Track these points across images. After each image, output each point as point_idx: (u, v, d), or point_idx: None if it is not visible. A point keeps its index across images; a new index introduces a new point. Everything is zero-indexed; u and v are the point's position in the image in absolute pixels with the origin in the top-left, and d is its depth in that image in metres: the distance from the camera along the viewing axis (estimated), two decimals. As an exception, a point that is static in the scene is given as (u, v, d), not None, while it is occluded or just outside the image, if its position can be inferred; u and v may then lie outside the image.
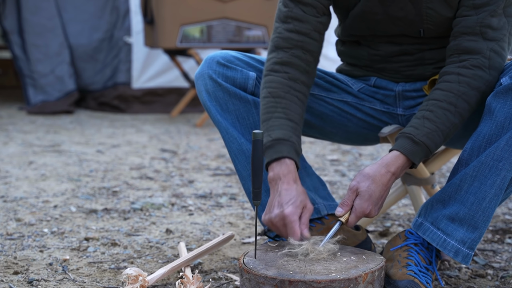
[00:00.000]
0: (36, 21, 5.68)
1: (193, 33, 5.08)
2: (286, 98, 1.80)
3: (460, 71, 1.75)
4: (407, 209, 2.74)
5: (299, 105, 1.82)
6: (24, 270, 1.95)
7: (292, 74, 1.83)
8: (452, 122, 1.73)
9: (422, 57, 1.90)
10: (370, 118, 2.00)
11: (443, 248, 1.75)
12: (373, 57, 1.95)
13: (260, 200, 1.65)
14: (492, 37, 1.75)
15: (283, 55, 1.83)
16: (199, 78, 1.93)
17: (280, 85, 1.81)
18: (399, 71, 1.94)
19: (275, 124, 1.77)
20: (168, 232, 2.35)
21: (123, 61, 5.78)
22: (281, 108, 1.79)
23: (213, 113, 1.91)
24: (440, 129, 1.72)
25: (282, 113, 1.78)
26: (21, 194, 2.85)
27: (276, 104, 1.80)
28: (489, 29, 1.75)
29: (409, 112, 1.97)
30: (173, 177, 3.26)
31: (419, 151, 1.71)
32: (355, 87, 2.00)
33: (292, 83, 1.82)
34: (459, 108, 1.73)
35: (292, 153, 1.75)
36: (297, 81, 1.83)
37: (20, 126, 4.90)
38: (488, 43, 1.75)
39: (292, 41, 1.83)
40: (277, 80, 1.82)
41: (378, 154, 3.98)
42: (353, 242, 1.91)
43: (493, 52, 1.75)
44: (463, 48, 1.77)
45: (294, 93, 1.81)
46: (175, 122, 5.26)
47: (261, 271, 1.57)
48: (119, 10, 5.75)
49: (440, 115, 1.72)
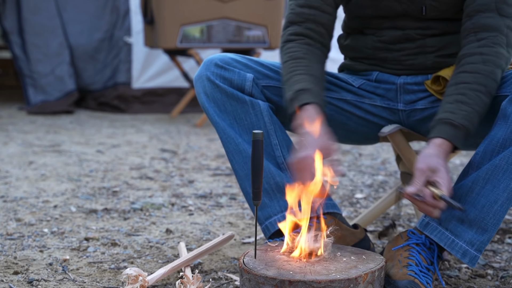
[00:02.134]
0: (36, 21, 5.68)
1: (193, 33, 5.08)
2: (306, 58, 1.89)
3: (482, 51, 1.77)
4: (407, 209, 2.74)
5: (320, 63, 1.91)
6: (24, 270, 1.95)
7: (307, 43, 1.91)
8: (484, 101, 1.75)
9: (423, 44, 1.92)
10: (370, 116, 2.01)
11: (451, 249, 1.75)
12: (376, 45, 1.96)
13: (260, 200, 1.65)
14: (508, 13, 1.79)
15: (297, 28, 1.93)
16: (198, 80, 1.96)
17: (299, 48, 1.90)
18: (400, 61, 1.95)
19: (296, 80, 1.84)
20: (168, 232, 2.35)
21: (123, 61, 5.78)
22: (302, 67, 1.87)
23: (211, 114, 1.93)
24: (476, 110, 1.74)
25: (303, 70, 1.86)
26: (21, 194, 2.85)
27: (297, 64, 1.88)
28: (505, 5, 1.79)
29: (409, 107, 1.98)
30: (173, 177, 3.26)
31: (460, 135, 1.73)
32: (355, 84, 2.01)
33: (310, 48, 1.91)
34: (489, 87, 1.76)
35: (315, 98, 1.80)
36: (314, 46, 1.91)
37: (20, 126, 4.90)
38: (504, 19, 1.79)
39: (304, 15, 1.92)
40: (295, 46, 1.91)
41: (378, 154, 3.98)
42: (351, 240, 1.91)
43: (509, 29, 1.79)
44: (480, 25, 1.79)
45: (314, 55, 1.90)
46: (175, 122, 5.26)
47: (261, 271, 1.57)
48: (119, 10, 5.75)
49: (473, 97, 1.74)
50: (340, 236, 1.88)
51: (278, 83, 1.97)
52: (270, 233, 1.93)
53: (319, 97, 1.82)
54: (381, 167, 3.59)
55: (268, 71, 1.98)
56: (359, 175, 3.38)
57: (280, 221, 1.91)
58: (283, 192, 1.91)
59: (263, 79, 1.96)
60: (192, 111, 5.68)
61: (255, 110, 1.91)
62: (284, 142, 1.95)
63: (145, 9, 5.22)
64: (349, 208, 2.73)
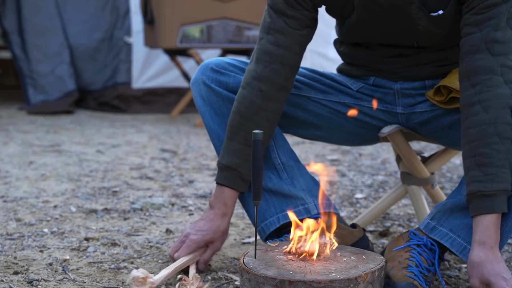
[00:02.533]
0: (36, 21, 5.68)
1: (193, 33, 5.08)
2: (252, 121, 1.85)
3: (480, 98, 1.67)
4: (407, 209, 2.74)
5: (266, 128, 1.87)
6: (24, 270, 1.95)
7: (267, 91, 1.85)
8: (503, 150, 1.64)
9: (417, 58, 1.90)
10: (369, 118, 2.01)
11: (463, 256, 1.75)
12: (370, 58, 1.95)
13: (260, 200, 1.65)
14: (500, 51, 1.67)
15: (262, 70, 1.85)
16: (194, 84, 1.99)
17: (251, 105, 1.86)
18: (395, 72, 1.95)
19: (230, 149, 1.88)
20: (168, 232, 2.35)
21: (123, 61, 5.78)
22: (243, 132, 1.86)
23: (206, 119, 1.98)
24: (500, 165, 1.63)
25: (243, 138, 1.86)
26: (21, 194, 2.85)
27: (241, 126, 1.86)
28: (496, 44, 1.67)
29: (408, 111, 1.97)
30: (173, 177, 3.26)
31: (499, 199, 1.63)
32: (354, 87, 2.01)
33: (264, 103, 1.86)
34: (501, 133, 1.65)
35: (236, 182, 1.88)
36: (271, 100, 1.86)
37: (20, 126, 4.90)
38: (497, 58, 1.67)
39: (273, 55, 1.84)
40: (249, 98, 1.86)
41: (378, 154, 3.98)
42: (350, 239, 1.92)
43: (504, 67, 1.67)
44: (472, 69, 1.69)
45: (264, 115, 1.86)
46: (175, 122, 5.26)
47: (261, 271, 1.57)
48: (119, 10, 5.75)
49: (490, 154, 1.64)
50: (339, 236, 1.88)
51: None
52: (265, 235, 1.94)
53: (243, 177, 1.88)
54: (381, 167, 3.59)
55: None
56: (359, 175, 3.38)
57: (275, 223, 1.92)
58: (279, 195, 1.92)
59: None
60: (192, 111, 5.67)
61: None
62: (280, 144, 1.96)
63: (145, 9, 5.22)
64: (349, 208, 2.73)
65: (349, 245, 1.89)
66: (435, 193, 2.20)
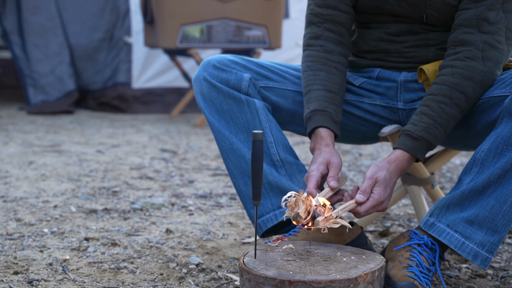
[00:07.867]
0: (36, 21, 5.68)
1: (193, 33, 5.08)
2: (323, 70, 1.93)
3: (454, 63, 1.82)
4: (407, 209, 2.74)
5: (337, 75, 1.94)
6: (24, 270, 1.95)
7: (327, 46, 1.96)
8: (448, 113, 1.79)
9: (426, 37, 1.94)
10: (370, 115, 2.01)
11: (462, 251, 1.74)
12: (381, 36, 1.98)
13: (260, 200, 1.65)
14: (488, 30, 1.81)
15: (316, 30, 1.98)
16: (195, 81, 2.01)
17: (317, 58, 1.95)
18: (402, 53, 1.96)
19: (312, 97, 1.90)
20: (168, 232, 2.35)
21: (123, 61, 5.78)
22: (319, 80, 1.92)
23: (207, 114, 1.98)
24: (438, 122, 1.78)
25: (320, 85, 1.91)
26: (21, 194, 2.85)
27: (315, 77, 1.93)
28: (486, 22, 1.81)
29: (409, 107, 1.98)
30: (173, 177, 3.26)
31: (420, 146, 1.78)
32: (356, 82, 2.02)
33: (328, 55, 1.95)
34: (455, 99, 1.79)
35: (327, 122, 1.87)
36: (333, 53, 1.96)
37: (20, 126, 4.90)
38: (482, 35, 1.81)
39: (322, 16, 1.97)
40: (314, 54, 1.96)
41: (378, 154, 3.98)
42: (349, 237, 1.92)
43: (486, 44, 1.81)
44: (459, 40, 1.83)
45: (332, 64, 1.94)
46: (175, 122, 5.26)
47: (261, 271, 1.57)
48: (119, 10, 5.75)
49: (435, 109, 1.79)
50: (337, 233, 1.88)
51: (277, 83, 2.00)
52: (262, 231, 1.95)
53: (333, 117, 1.88)
54: (381, 167, 3.59)
55: (267, 72, 2.00)
56: (359, 175, 3.38)
57: (273, 220, 1.93)
58: (276, 190, 1.92)
59: (262, 80, 1.98)
60: (192, 111, 5.68)
61: (250, 109, 1.94)
62: (279, 140, 1.96)
63: (145, 9, 5.22)
64: (349, 208, 2.73)
65: (347, 242, 1.90)
66: (435, 193, 2.20)
